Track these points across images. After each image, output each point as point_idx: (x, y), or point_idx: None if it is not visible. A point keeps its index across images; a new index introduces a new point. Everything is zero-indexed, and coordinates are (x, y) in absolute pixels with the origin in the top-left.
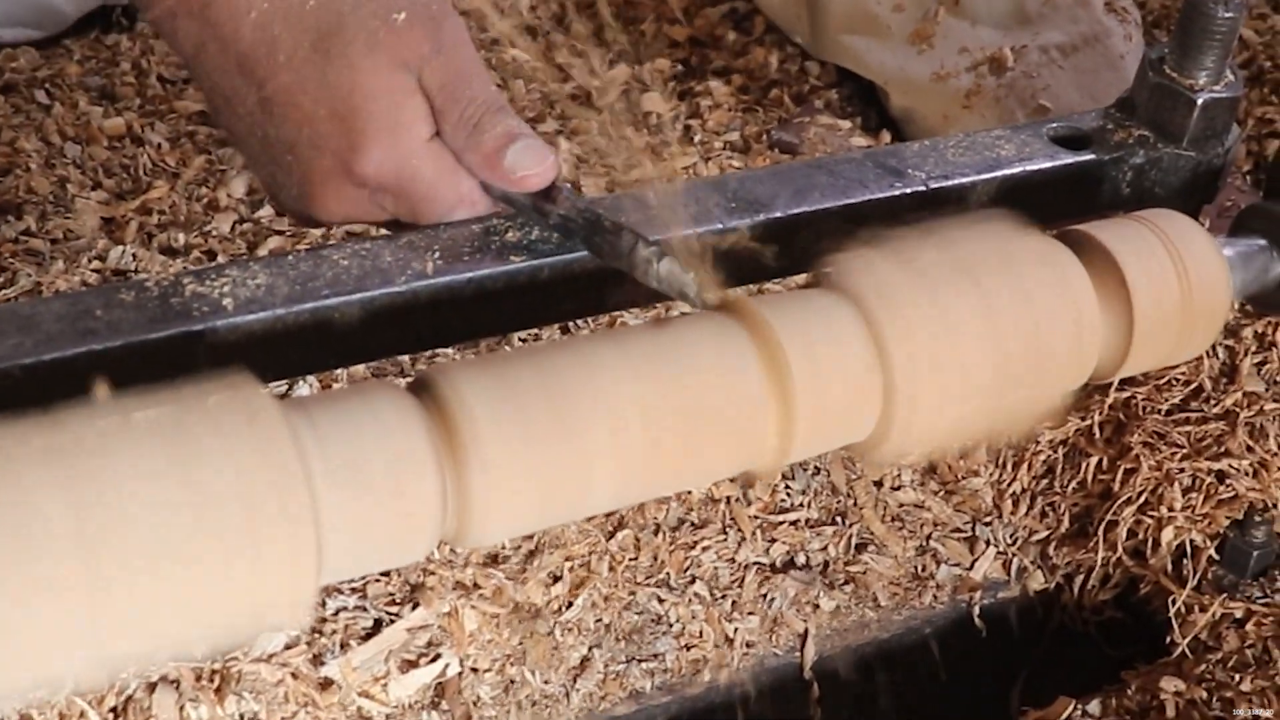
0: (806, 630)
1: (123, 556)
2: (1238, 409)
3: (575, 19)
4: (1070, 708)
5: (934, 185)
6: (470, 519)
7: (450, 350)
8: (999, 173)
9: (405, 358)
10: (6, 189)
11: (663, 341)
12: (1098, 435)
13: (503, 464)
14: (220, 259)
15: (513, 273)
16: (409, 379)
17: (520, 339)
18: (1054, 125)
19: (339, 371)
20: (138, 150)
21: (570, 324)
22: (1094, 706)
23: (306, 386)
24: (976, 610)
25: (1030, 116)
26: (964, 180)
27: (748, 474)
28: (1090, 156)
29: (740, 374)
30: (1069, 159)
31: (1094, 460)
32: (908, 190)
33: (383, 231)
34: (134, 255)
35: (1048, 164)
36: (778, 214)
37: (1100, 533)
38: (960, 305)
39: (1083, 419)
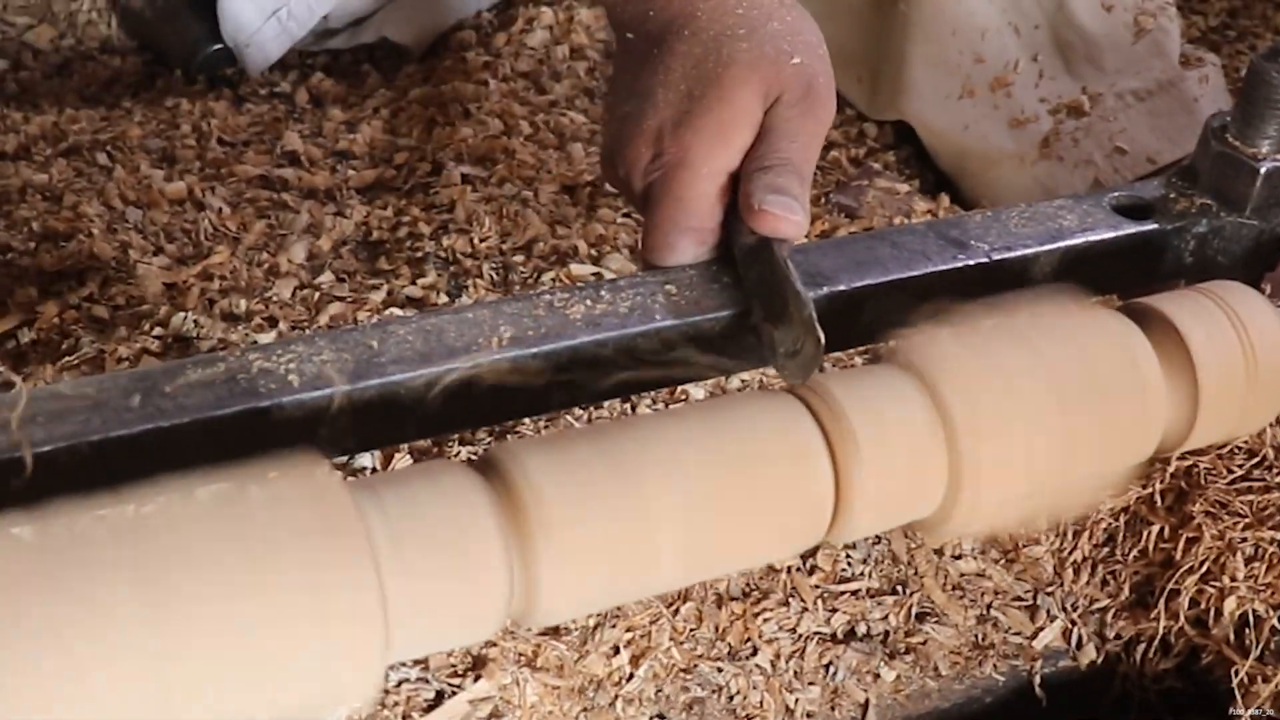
0: (867, 700)
1: (188, 639)
2: None
3: None
4: None
5: (997, 257)
6: (537, 599)
7: (525, 422)
8: (1062, 243)
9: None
10: (69, 254)
11: (728, 418)
12: (1159, 503)
13: (569, 544)
14: (282, 325)
15: (577, 347)
16: (472, 451)
17: (578, 414)
18: (1116, 195)
19: (402, 447)
20: (199, 214)
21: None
22: None
23: (369, 457)
24: (1038, 679)
25: (1107, 159)
26: (1027, 251)
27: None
28: (1153, 226)
29: (806, 450)
30: (1132, 229)
31: (1155, 529)
32: (971, 262)
33: (444, 300)
34: (195, 321)
35: (1110, 234)
36: (841, 287)
37: (1162, 602)
38: (1026, 383)
39: (1144, 487)
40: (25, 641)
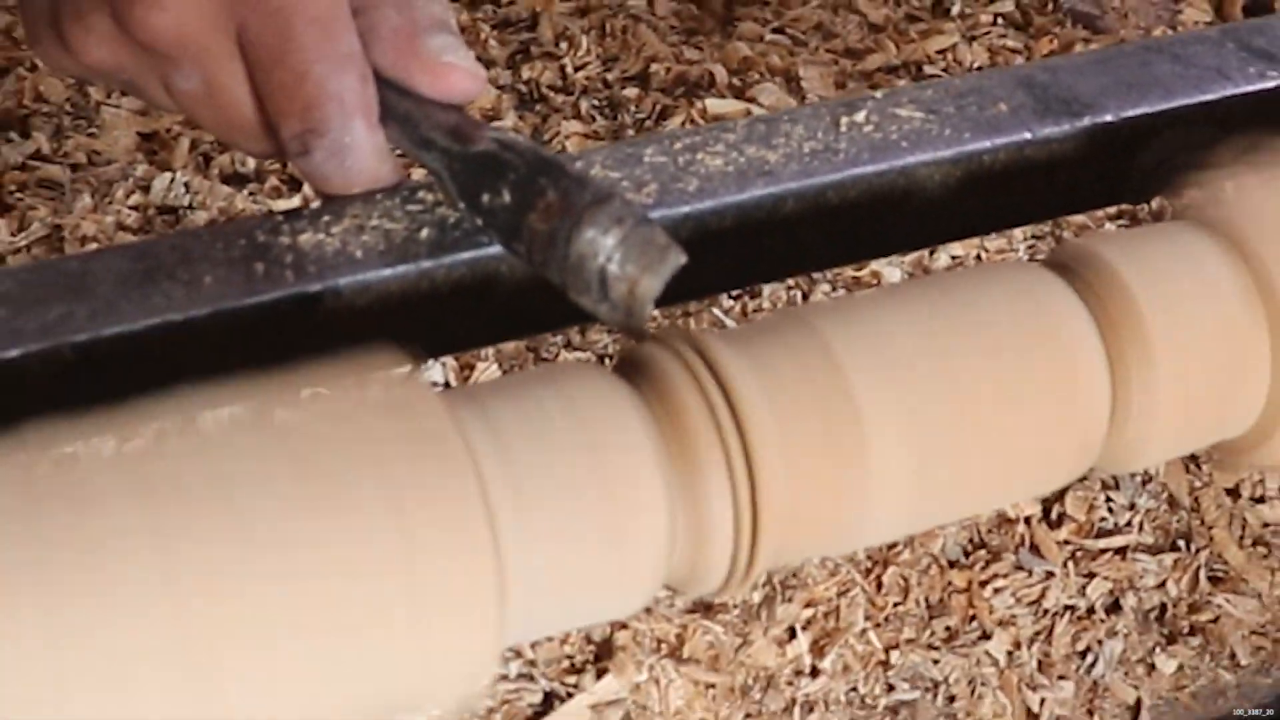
0: (1139, 700)
1: (227, 614)
2: None
3: None
4: None
5: None
6: (706, 553)
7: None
8: None
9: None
10: (6, 95)
11: (958, 300)
12: None
13: (771, 476)
14: (308, 189)
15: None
16: (582, 355)
17: (731, 296)
18: None
19: (485, 351)
20: None
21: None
22: None
23: (439, 368)
24: None
25: None
26: None
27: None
28: None
29: (1069, 341)
30: None
31: None
32: None
33: None
34: (186, 185)
35: None
36: (1108, 118)
37: None
38: None
39: None
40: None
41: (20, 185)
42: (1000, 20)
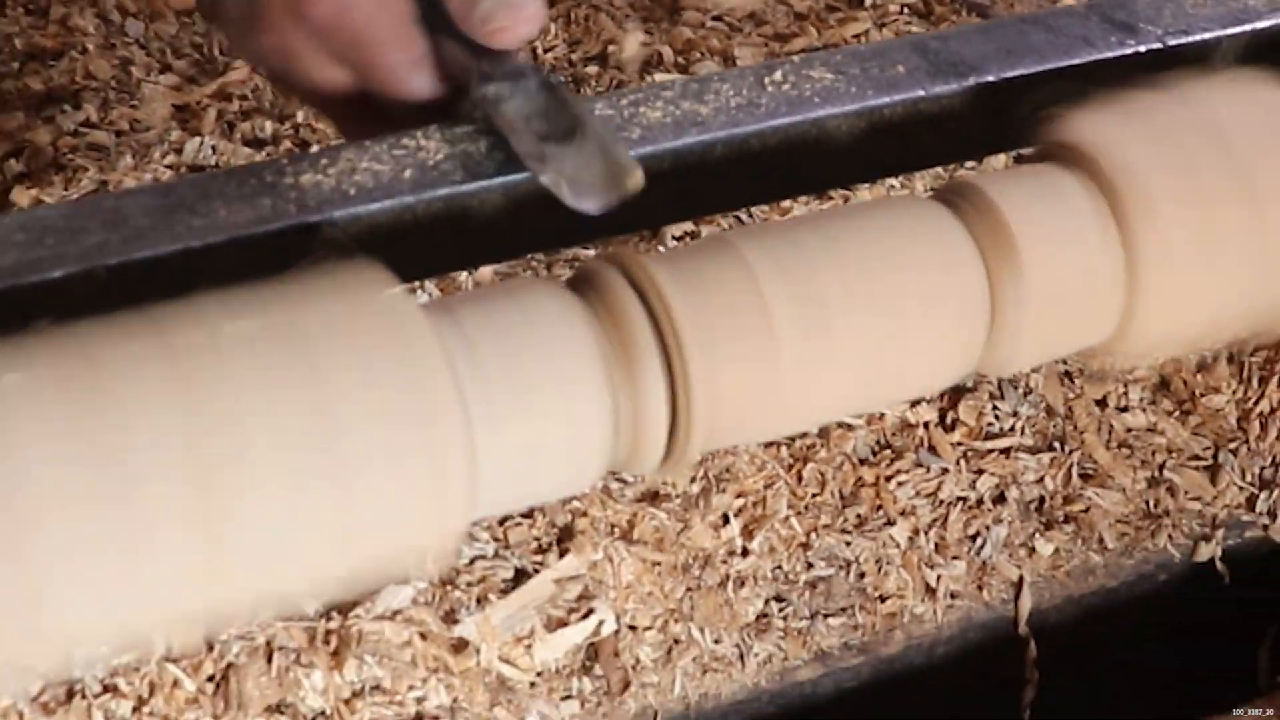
0: (1021, 578)
1: (240, 479)
2: None
3: None
4: None
5: (1172, 42)
6: (645, 437)
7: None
8: (1248, 26)
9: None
10: (61, 73)
11: (861, 225)
12: None
13: (698, 371)
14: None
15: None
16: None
17: (674, 237)
18: None
19: (461, 276)
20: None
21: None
22: None
23: (424, 295)
24: (1219, 553)
25: None
26: (1207, 35)
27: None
28: None
29: (956, 260)
30: None
31: None
32: (1141, 49)
33: None
34: (213, 148)
35: None
36: (990, 78)
37: None
38: (1215, 178)
39: None
40: (53, 500)
41: (72, 149)
42: (906, 10)
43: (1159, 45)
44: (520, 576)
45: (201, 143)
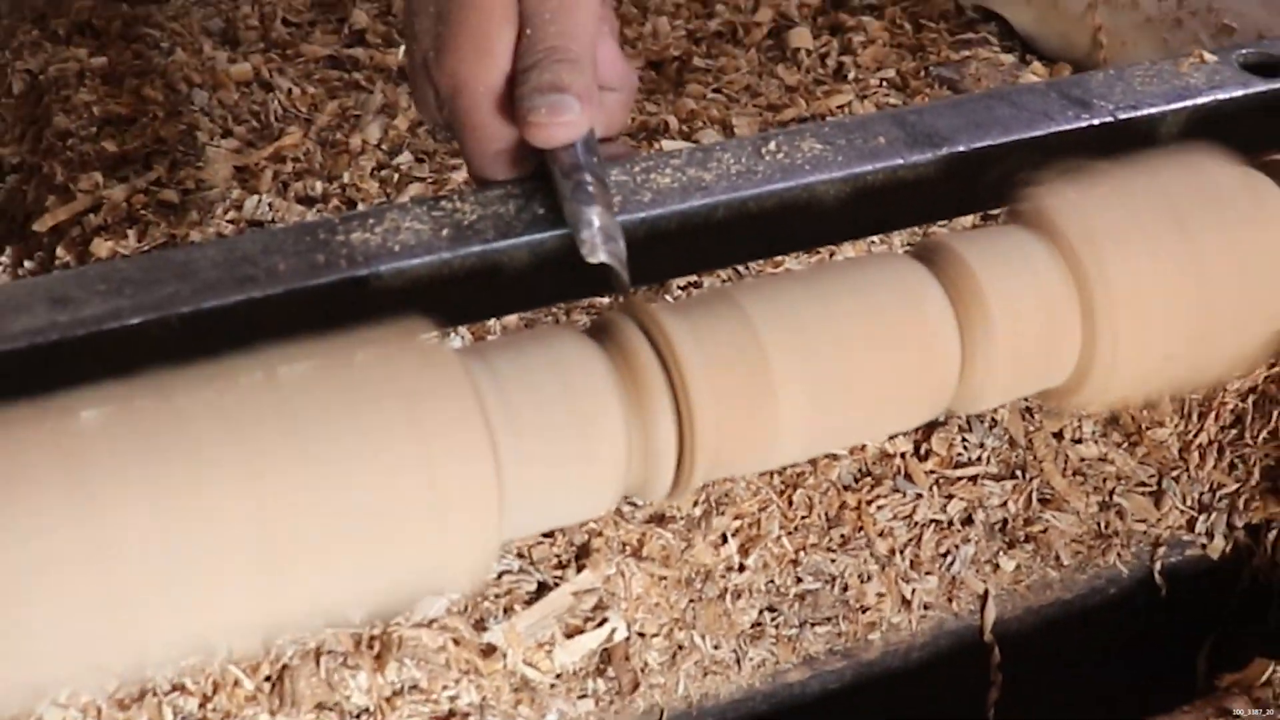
0: (987, 591)
1: (295, 509)
2: None
3: None
4: (1270, 670)
5: (1122, 116)
6: (655, 469)
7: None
8: (1190, 102)
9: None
10: (133, 138)
11: (843, 280)
12: None
13: (702, 411)
14: (360, 209)
15: (688, 212)
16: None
17: (679, 287)
18: (1245, 51)
19: (491, 323)
20: (267, 96)
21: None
22: None
23: (458, 339)
24: (1159, 567)
25: (1215, 38)
26: (1153, 110)
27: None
28: None
29: (936, 313)
30: (1263, 86)
31: None
32: (1095, 122)
33: None
34: (270, 205)
35: (1240, 92)
36: (961, 149)
37: None
38: (1164, 242)
39: (1272, 366)
40: (135, 526)
41: (144, 205)
42: (885, 83)
43: (1111, 119)
44: (542, 589)
45: (259, 200)
